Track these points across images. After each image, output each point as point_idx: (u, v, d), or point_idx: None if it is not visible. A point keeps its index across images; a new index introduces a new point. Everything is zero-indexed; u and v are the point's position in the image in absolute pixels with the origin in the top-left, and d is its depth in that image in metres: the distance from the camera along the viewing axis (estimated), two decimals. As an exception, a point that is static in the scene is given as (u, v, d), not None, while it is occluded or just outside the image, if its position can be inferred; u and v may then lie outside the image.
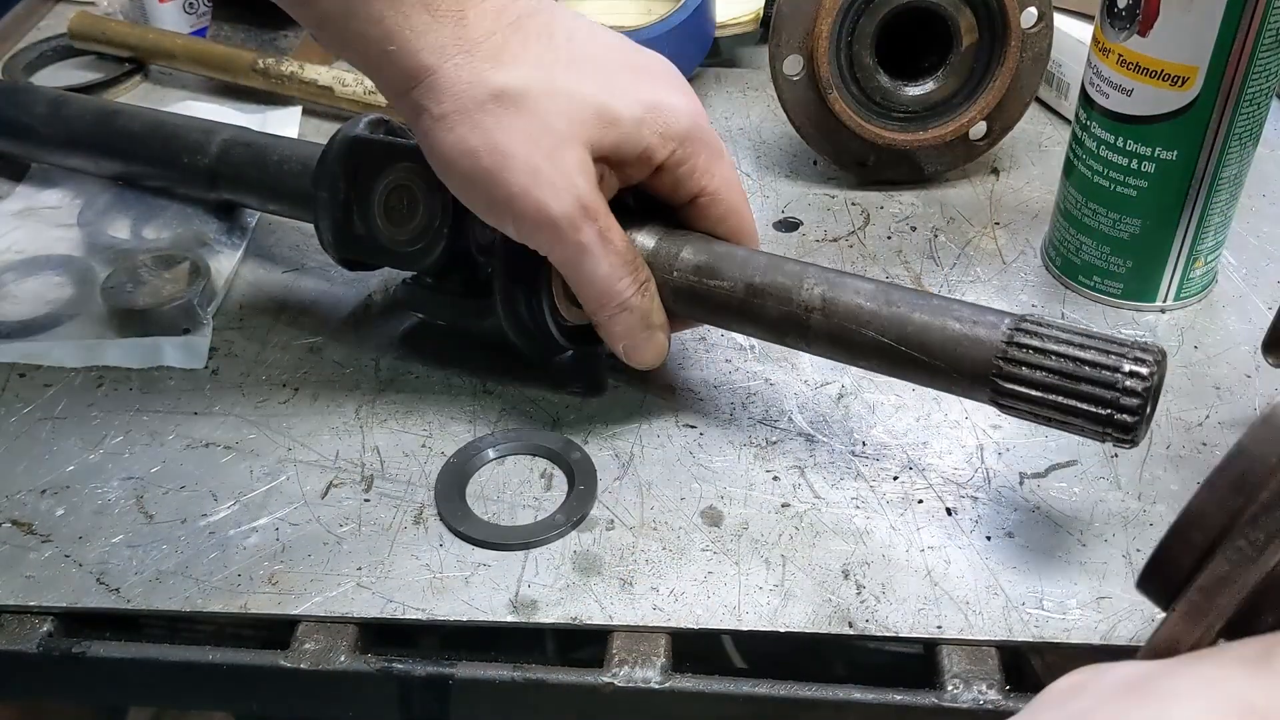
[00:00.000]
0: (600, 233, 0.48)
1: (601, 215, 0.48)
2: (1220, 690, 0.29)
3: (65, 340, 0.61)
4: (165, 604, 0.47)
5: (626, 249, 0.50)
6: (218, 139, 0.66)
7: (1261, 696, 0.29)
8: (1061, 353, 0.44)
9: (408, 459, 0.54)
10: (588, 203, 0.47)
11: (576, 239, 0.48)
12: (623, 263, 0.49)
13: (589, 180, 0.48)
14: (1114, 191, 0.60)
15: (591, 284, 0.50)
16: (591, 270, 0.49)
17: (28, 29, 0.94)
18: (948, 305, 0.48)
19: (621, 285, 0.50)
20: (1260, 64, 0.54)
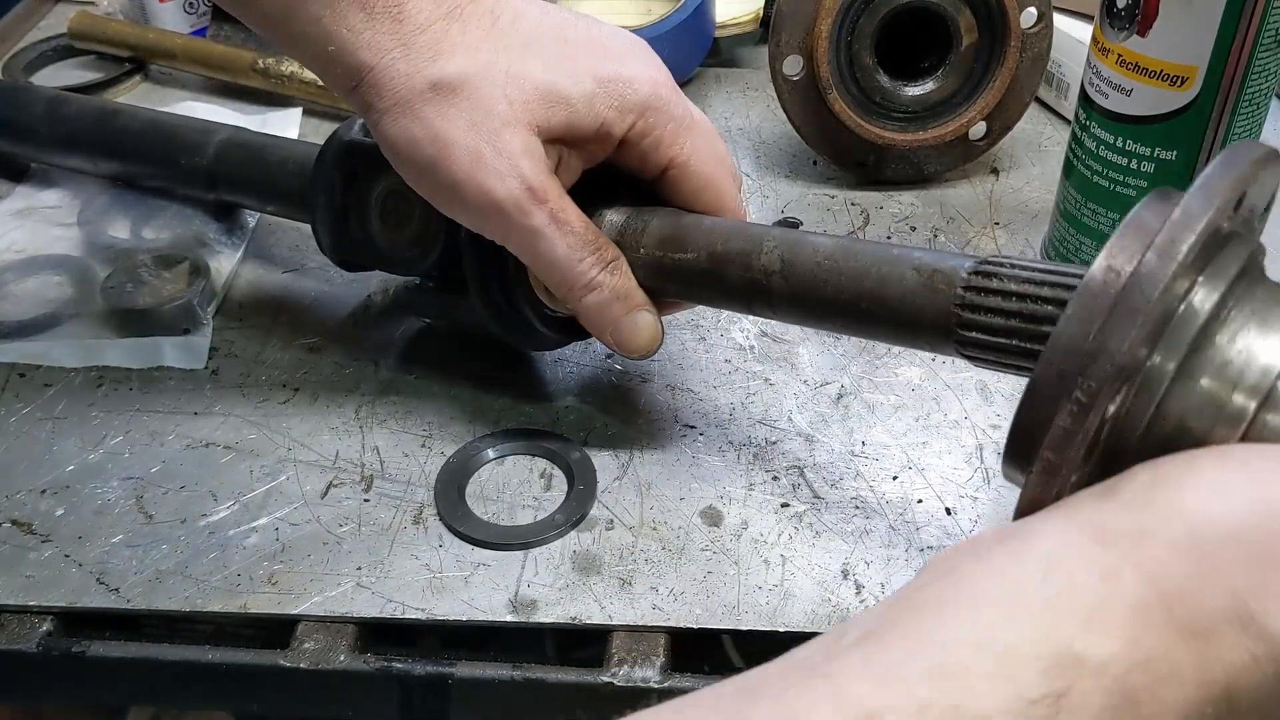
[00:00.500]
0: (552, 214, 0.47)
1: (553, 197, 0.47)
2: (1074, 519, 0.31)
3: (65, 340, 0.61)
4: (165, 604, 0.47)
5: (585, 229, 0.48)
6: (216, 140, 0.66)
7: (1112, 519, 0.30)
8: (1023, 293, 0.39)
9: (407, 459, 0.54)
10: (534, 185, 0.46)
11: (527, 223, 0.47)
12: (581, 243, 0.48)
13: (535, 162, 0.46)
14: (1114, 191, 0.60)
15: (552, 268, 0.48)
16: (548, 253, 0.48)
17: (28, 29, 0.94)
18: (907, 255, 0.44)
19: (583, 266, 0.48)
20: (1259, 64, 0.54)
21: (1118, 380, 0.32)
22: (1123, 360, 0.32)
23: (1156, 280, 0.32)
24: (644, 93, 0.48)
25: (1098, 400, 0.32)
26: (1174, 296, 0.33)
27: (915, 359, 0.60)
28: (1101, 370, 0.32)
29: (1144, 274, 0.32)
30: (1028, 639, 0.28)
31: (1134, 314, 0.32)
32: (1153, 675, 0.28)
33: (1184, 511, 0.30)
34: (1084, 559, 0.29)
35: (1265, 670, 0.29)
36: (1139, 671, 0.28)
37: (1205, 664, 0.29)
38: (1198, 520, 0.30)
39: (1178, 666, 0.28)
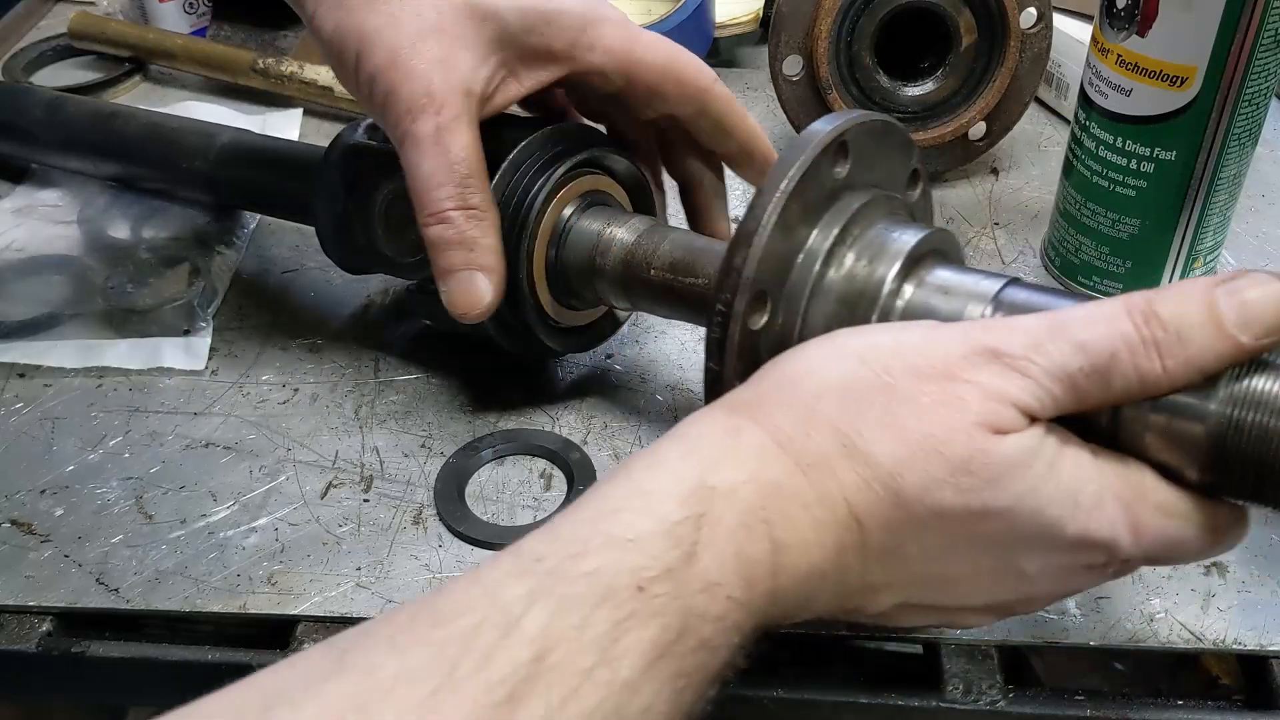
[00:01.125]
0: (438, 127, 0.47)
1: (447, 112, 0.47)
2: (716, 404, 0.39)
3: (65, 340, 0.61)
4: (165, 604, 0.47)
5: (463, 160, 0.48)
6: (216, 143, 0.65)
7: (738, 395, 0.39)
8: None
9: (407, 459, 0.54)
10: (434, 92, 0.47)
11: (411, 127, 0.47)
12: (448, 168, 0.47)
13: (446, 73, 0.47)
14: (1113, 192, 0.60)
15: (413, 180, 0.48)
16: (415, 164, 0.48)
17: (28, 29, 0.94)
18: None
19: (440, 193, 0.48)
20: (1259, 64, 0.54)
21: (744, 291, 0.41)
22: (743, 274, 0.41)
23: (762, 209, 0.42)
24: (576, 8, 0.49)
25: (733, 310, 0.42)
26: (787, 225, 0.42)
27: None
28: (730, 284, 0.42)
29: (754, 209, 0.42)
30: (667, 483, 0.34)
31: (747, 238, 0.42)
32: (779, 497, 0.35)
33: (789, 376, 0.38)
34: (714, 424, 0.37)
35: (875, 490, 0.35)
36: (766, 494, 0.35)
37: (823, 487, 0.35)
38: (800, 380, 0.37)
39: (799, 490, 0.35)
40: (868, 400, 0.36)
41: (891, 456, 0.35)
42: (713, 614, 0.33)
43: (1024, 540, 0.36)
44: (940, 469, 0.35)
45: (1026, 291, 0.41)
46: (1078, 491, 0.35)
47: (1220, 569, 0.48)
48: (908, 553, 0.36)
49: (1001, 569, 0.37)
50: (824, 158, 0.43)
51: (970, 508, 0.35)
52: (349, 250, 0.58)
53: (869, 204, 0.45)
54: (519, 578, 0.32)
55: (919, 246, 0.43)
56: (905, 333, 0.38)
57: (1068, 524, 0.35)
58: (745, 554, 0.34)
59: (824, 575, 0.36)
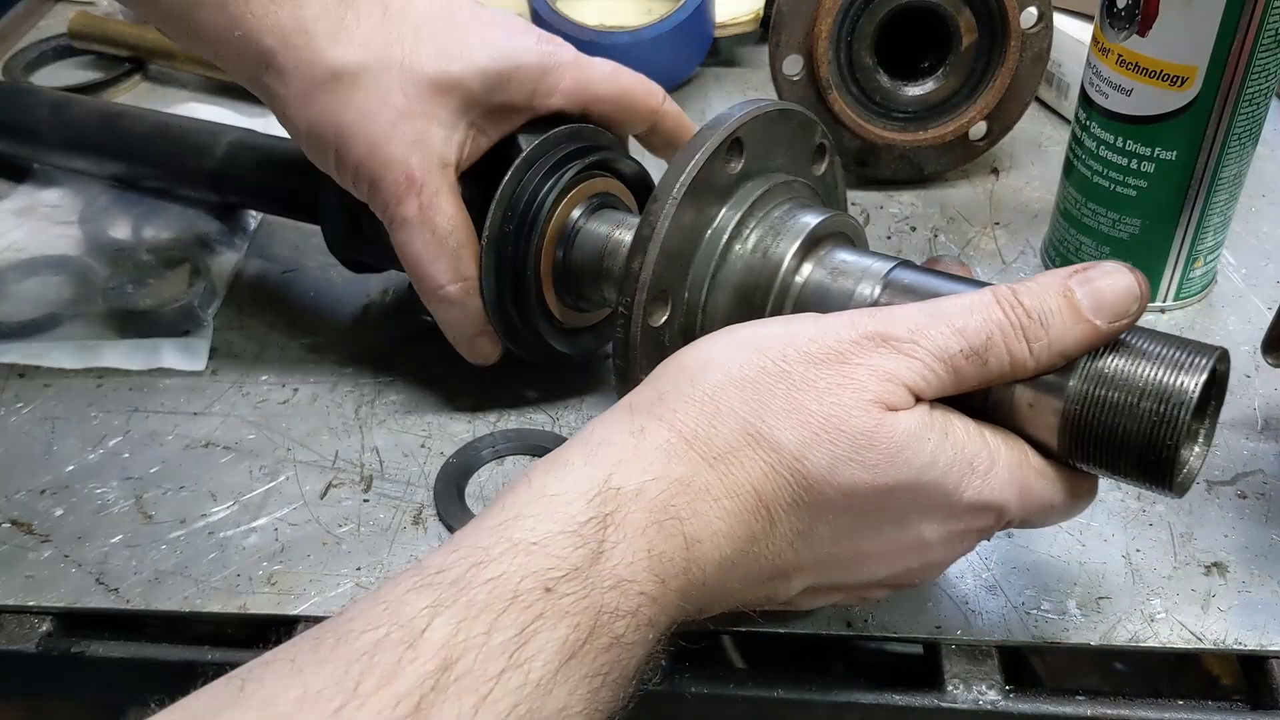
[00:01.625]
0: (421, 206, 0.49)
1: (428, 190, 0.49)
2: (619, 406, 0.39)
3: (65, 341, 0.61)
4: (164, 604, 0.47)
5: (450, 234, 0.50)
6: (223, 142, 0.65)
7: (640, 394, 0.39)
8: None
9: (407, 459, 0.54)
10: (414, 175, 0.49)
11: (397, 210, 0.50)
12: (438, 244, 0.50)
13: (423, 154, 0.49)
14: (1114, 191, 0.60)
15: (407, 261, 0.51)
16: (405, 243, 0.51)
17: (28, 29, 0.94)
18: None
19: (435, 269, 0.51)
20: (1259, 64, 0.54)
21: (642, 293, 0.44)
22: (640, 277, 0.44)
23: (657, 214, 0.44)
24: (534, 61, 0.51)
25: (634, 310, 0.44)
26: (682, 225, 0.44)
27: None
28: (629, 288, 0.44)
29: (648, 215, 0.44)
30: (572, 485, 0.35)
31: (642, 243, 0.44)
32: (688, 493, 0.35)
33: (689, 371, 0.38)
34: (617, 426, 0.37)
35: (783, 475, 0.36)
36: (674, 491, 0.35)
37: (731, 479, 0.36)
38: (700, 375, 0.38)
39: (708, 484, 0.36)
40: (768, 388, 0.37)
41: (796, 440, 0.36)
42: (625, 610, 0.33)
43: (926, 509, 0.38)
44: (844, 447, 0.36)
45: (913, 273, 0.44)
46: (972, 458, 0.38)
47: (1220, 569, 0.48)
48: (817, 534, 0.38)
49: (906, 540, 0.39)
50: (715, 158, 0.45)
51: (876, 484, 0.36)
52: (355, 246, 0.58)
53: (766, 193, 0.47)
54: (421, 591, 0.32)
55: (818, 229, 0.46)
56: (797, 323, 0.39)
57: (966, 490, 0.37)
58: (657, 550, 0.34)
59: (735, 565, 0.37)
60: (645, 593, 0.34)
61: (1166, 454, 0.37)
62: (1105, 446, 0.38)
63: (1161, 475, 0.38)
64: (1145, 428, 0.37)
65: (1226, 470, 0.53)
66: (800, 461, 0.36)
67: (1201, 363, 0.37)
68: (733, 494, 0.36)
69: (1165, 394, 0.37)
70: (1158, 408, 0.37)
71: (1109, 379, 0.38)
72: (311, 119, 0.49)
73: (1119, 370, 0.38)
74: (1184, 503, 0.51)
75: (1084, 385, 0.38)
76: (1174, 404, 0.37)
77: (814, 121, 0.50)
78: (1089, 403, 0.38)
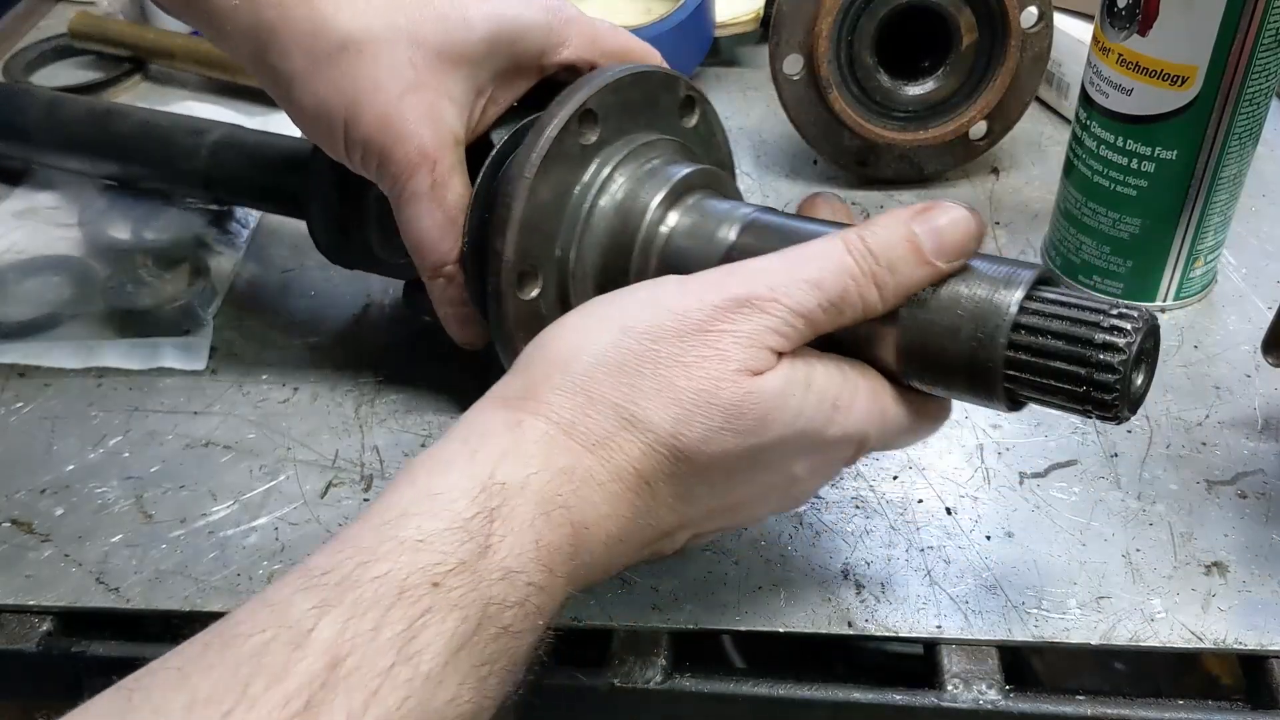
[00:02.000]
0: (433, 182, 0.49)
1: (441, 166, 0.49)
2: (487, 398, 0.40)
3: (65, 341, 0.61)
4: (165, 603, 0.47)
5: (460, 212, 0.50)
6: (209, 140, 0.65)
7: (509, 386, 0.40)
8: (1035, 326, 0.39)
9: (407, 458, 0.54)
10: (427, 149, 0.48)
11: (408, 184, 0.49)
12: (447, 222, 0.50)
13: (435, 128, 0.49)
14: (1114, 191, 0.60)
15: (411, 233, 0.50)
16: (413, 218, 0.50)
17: (28, 29, 0.94)
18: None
19: (444, 246, 0.50)
20: (1260, 64, 0.54)
21: (510, 272, 0.46)
22: (504, 257, 0.46)
23: (513, 194, 0.46)
24: (540, 19, 0.51)
25: (503, 289, 0.46)
26: (541, 201, 0.46)
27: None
28: (495, 268, 0.46)
29: (504, 195, 0.46)
30: (455, 483, 0.35)
31: (501, 225, 0.46)
32: (572, 482, 0.36)
33: (557, 359, 0.39)
34: (494, 420, 0.38)
35: (660, 453, 0.37)
36: (559, 482, 0.36)
37: (612, 463, 0.37)
38: (569, 362, 0.38)
39: (590, 470, 0.37)
40: (636, 370, 0.38)
41: (670, 419, 0.37)
42: (512, 600, 0.34)
43: (796, 452, 0.40)
44: (716, 419, 0.37)
45: (772, 216, 0.46)
46: (835, 398, 0.39)
47: (1221, 569, 0.48)
48: (696, 494, 0.39)
49: (778, 480, 0.40)
50: (567, 132, 0.46)
51: (749, 445, 0.38)
52: (343, 250, 0.58)
53: (627, 157, 0.48)
54: (307, 592, 0.32)
55: (684, 180, 0.47)
56: (661, 291, 0.40)
57: (830, 428, 0.39)
58: (545, 541, 0.35)
59: (622, 540, 0.38)
60: (533, 582, 0.34)
61: (991, 370, 0.39)
62: (938, 369, 0.40)
63: (990, 392, 0.40)
64: (968, 347, 0.39)
65: (1227, 470, 0.53)
66: (675, 439, 0.37)
67: (1022, 276, 0.39)
68: (615, 477, 0.37)
69: (984, 313, 0.39)
70: (977, 328, 0.39)
71: (938, 304, 0.40)
72: (318, 92, 0.48)
73: (945, 295, 0.40)
74: (1184, 502, 0.51)
75: (915, 311, 0.40)
76: (993, 322, 0.38)
77: (676, 77, 0.52)
78: (920, 328, 0.40)
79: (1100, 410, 0.38)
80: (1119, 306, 0.38)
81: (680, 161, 0.49)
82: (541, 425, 0.37)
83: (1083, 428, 0.55)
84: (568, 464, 0.37)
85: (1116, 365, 0.37)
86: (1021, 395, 0.40)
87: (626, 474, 0.37)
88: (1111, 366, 0.37)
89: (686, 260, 0.46)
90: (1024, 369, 0.38)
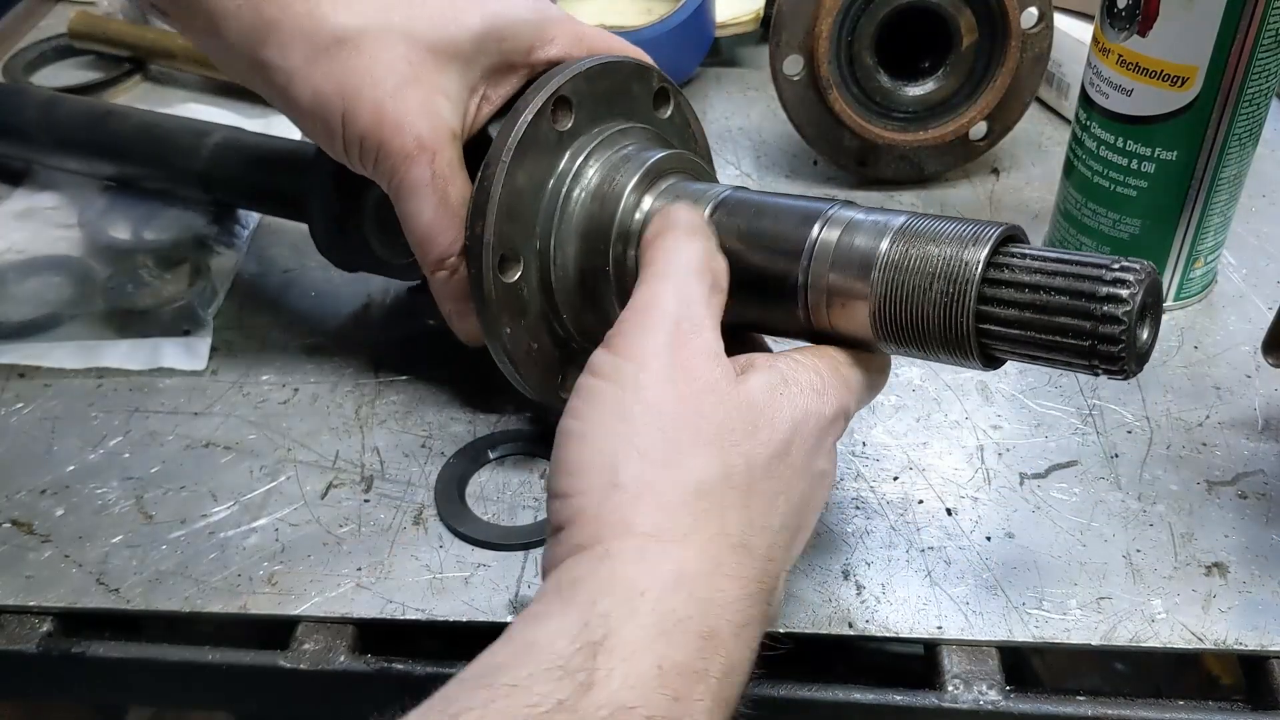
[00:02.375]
0: (434, 175, 0.49)
1: (441, 157, 0.49)
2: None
3: (65, 341, 0.61)
4: (165, 604, 0.47)
5: (460, 205, 0.50)
6: (210, 142, 0.65)
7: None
8: (1034, 283, 0.39)
9: (407, 459, 0.54)
10: (426, 141, 0.49)
11: (406, 173, 0.49)
12: (449, 214, 0.50)
13: (431, 120, 0.49)
14: (1114, 191, 0.60)
15: (414, 227, 0.50)
16: (415, 210, 0.50)
17: (28, 29, 0.94)
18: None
19: (444, 239, 0.50)
20: (1260, 64, 0.54)
21: (491, 255, 0.47)
22: (484, 239, 0.47)
23: (491, 177, 0.47)
24: (528, 16, 0.51)
25: (484, 272, 0.47)
26: (518, 186, 0.47)
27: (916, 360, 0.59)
28: (475, 253, 0.47)
29: (483, 181, 0.47)
30: (554, 628, 0.33)
31: (480, 209, 0.47)
32: (683, 587, 0.35)
33: (599, 482, 0.37)
34: (579, 565, 0.36)
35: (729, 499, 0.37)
36: (670, 594, 0.34)
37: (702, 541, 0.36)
38: (613, 476, 0.37)
39: (699, 568, 0.36)
40: (667, 443, 0.37)
41: (717, 460, 0.38)
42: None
43: (811, 447, 0.40)
44: (739, 430, 0.38)
45: (744, 194, 0.47)
46: (810, 380, 0.41)
47: (1221, 569, 0.48)
48: (770, 520, 0.39)
49: (811, 479, 0.41)
50: (541, 118, 0.48)
51: (777, 443, 0.39)
52: (342, 252, 0.58)
53: (602, 143, 0.50)
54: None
55: (656, 165, 0.49)
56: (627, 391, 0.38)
57: (824, 409, 0.41)
58: (671, 664, 0.33)
59: (745, 621, 0.36)
60: (654, 716, 0.32)
61: (963, 329, 0.39)
62: (912, 331, 0.41)
63: (965, 350, 0.40)
64: (939, 306, 0.40)
65: (1227, 470, 0.53)
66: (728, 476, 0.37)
67: (987, 234, 0.40)
68: (713, 555, 0.36)
69: (953, 271, 0.39)
70: (948, 286, 0.39)
71: (905, 266, 0.40)
72: (316, 86, 0.49)
73: (914, 257, 0.40)
74: (1185, 503, 0.51)
75: (884, 275, 0.41)
76: (962, 279, 0.39)
77: (648, 68, 0.53)
78: (890, 292, 0.41)
79: (1106, 364, 0.38)
80: (1120, 261, 0.38)
81: (654, 147, 0.50)
82: (632, 543, 0.35)
83: (1083, 428, 0.55)
84: (673, 569, 0.35)
85: (1121, 316, 0.37)
86: (1006, 353, 0.40)
87: (719, 543, 0.36)
88: (1116, 318, 0.37)
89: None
90: (1007, 324, 0.39)
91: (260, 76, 0.50)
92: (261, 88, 0.51)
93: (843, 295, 0.42)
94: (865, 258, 0.42)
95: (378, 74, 0.48)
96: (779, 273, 0.44)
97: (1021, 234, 0.41)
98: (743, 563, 0.37)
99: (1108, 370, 0.38)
